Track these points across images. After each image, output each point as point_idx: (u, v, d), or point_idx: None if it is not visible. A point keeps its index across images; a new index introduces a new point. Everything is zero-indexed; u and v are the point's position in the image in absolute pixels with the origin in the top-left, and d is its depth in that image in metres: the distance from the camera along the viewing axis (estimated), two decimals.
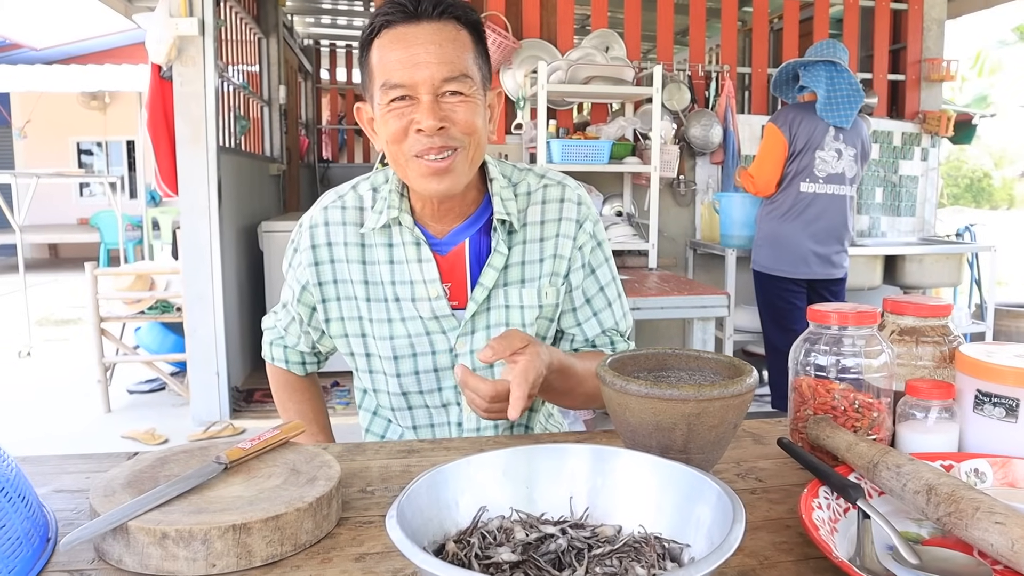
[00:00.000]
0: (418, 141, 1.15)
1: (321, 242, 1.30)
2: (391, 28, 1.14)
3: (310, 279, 1.31)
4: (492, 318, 1.30)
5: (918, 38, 5.01)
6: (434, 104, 1.13)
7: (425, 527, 0.72)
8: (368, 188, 1.33)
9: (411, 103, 1.14)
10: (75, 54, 11.62)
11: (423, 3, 1.14)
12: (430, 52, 1.13)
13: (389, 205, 1.26)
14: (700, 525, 0.72)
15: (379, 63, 1.15)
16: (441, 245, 1.29)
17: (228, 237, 4.35)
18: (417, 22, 1.14)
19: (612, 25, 4.64)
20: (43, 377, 5.32)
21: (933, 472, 0.81)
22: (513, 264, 1.30)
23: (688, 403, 0.87)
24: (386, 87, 1.14)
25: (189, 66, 3.95)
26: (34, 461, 1.08)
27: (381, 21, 1.15)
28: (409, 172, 1.19)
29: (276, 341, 1.46)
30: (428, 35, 1.14)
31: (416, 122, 1.14)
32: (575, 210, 1.34)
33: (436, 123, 1.13)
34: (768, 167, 3.70)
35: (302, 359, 1.46)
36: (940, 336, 1.09)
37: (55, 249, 12.82)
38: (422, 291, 1.27)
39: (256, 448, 0.96)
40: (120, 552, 0.79)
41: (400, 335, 1.29)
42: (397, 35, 1.14)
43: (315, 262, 1.30)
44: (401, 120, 1.15)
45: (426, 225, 1.29)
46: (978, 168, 21.61)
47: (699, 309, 3.28)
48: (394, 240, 1.28)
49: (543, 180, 1.35)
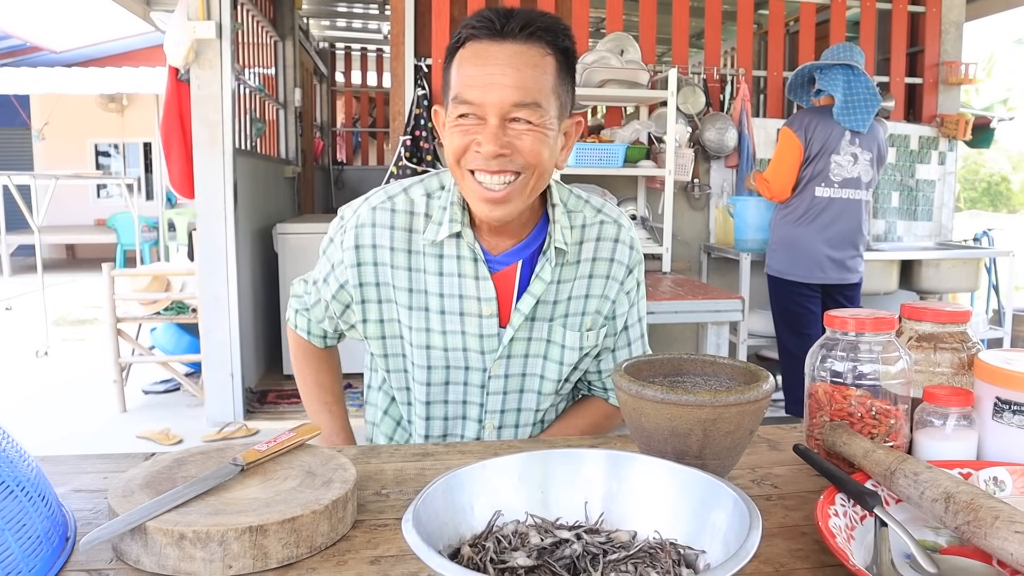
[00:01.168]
0: (475, 158, 1.14)
1: (366, 243, 1.27)
2: (475, 42, 1.13)
3: (351, 279, 1.28)
4: (532, 348, 1.30)
5: (936, 41, 4.97)
6: (499, 129, 1.11)
7: (440, 531, 0.73)
8: (421, 193, 1.29)
9: (478, 122, 1.12)
10: (93, 57, 11.73)
11: (511, 22, 1.11)
12: (506, 74, 1.10)
13: (451, 218, 1.23)
14: (716, 531, 0.72)
15: (456, 75, 1.13)
16: (494, 263, 1.27)
17: (243, 239, 4.37)
18: (501, 41, 1.11)
19: (627, 28, 4.64)
20: (60, 376, 5.36)
21: (951, 480, 0.81)
22: (561, 300, 1.30)
23: (704, 409, 0.87)
24: (456, 101, 1.12)
25: (206, 69, 3.98)
26: (53, 461, 1.09)
27: (467, 33, 1.13)
28: (466, 189, 1.18)
29: (302, 311, 1.45)
30: (508, 56, 1.11)
31: (478, 143, 1.12)
32: (627, 254, 1.33)
33: (497, 150, 1.11)
34: (783, 171, 3.68)
35: (324, 334, 1.45)
36: (959, 343, 1.08)
37: (72, 250, 12.93)
38: (473, 307, 1.26)
39: (272, 450, 0.96)
40: (138, 552, 0.79)
41: (437, 346, 1.28)
42: (478, 51, 1.12)
43: (358, 263, 1.27)
44: (464, 137, 1.13)
45: (482, 239, 1.27)
46: (995, 172, 21.44)
47: (713, 313, 3.27)
48: (447, 252, 1.26)
49: (600, 215, 1.33)
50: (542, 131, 1.13)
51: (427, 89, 4.26)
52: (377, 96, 9.14)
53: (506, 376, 1.31)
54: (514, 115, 1.12)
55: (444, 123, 1.19)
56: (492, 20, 1.11)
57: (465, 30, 1.13)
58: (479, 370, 1.30)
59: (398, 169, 4.18)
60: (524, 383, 1.33)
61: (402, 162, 4.18)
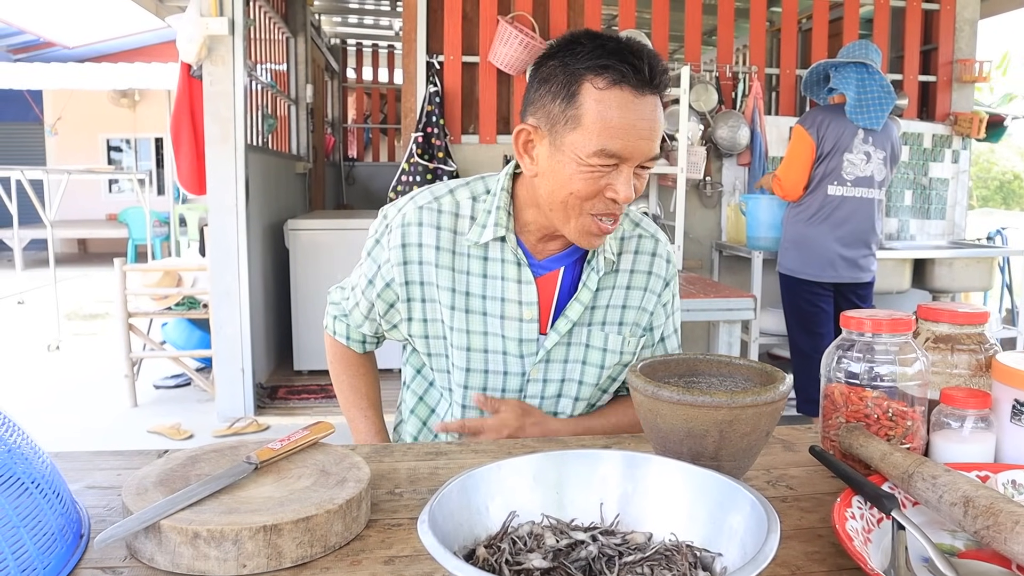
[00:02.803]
0: (604, 204, 1.16)
1: (412, 242, 1.28)
2: (619, 89, 1.11)
3: (396, 277, 1.29)
4: (572, 353, 1.31)
5: (950, 39, 4.94)
6: (631, 175, 1.14)
7: (456, 532, 0.72)
8: (467, 196, 1.30)
9: (611, 169, 1.13)
10: (106, 52, 11.77)
11: (656, 77, 1.12)
12: (651, 129, 1.13)
13: (496, 222, 1.25)
14: (733, 534, 0.71)
15: (597, 120, 1.11)
16: (537, 267, 1.29)
17: (255, 235, 4.38)
18: (644, 93, 1.12)
19: (639, 25, 4.62)
20: (71, 371, 5.39)
21: (970, 484, 0.80)
22: (599, 306, 1.31)
23: (721, 410, 0.86)
24: (602, 153, 1.11)
25: (219, 65, 3.98)
26: (66, 457, 1.09)
27: (613, 77, 1.10)
28: (575, 223, 1.18)
29: (340, 317, 1.46)
30: (650, 110, 1.13)
31: (612, 189, 1.14)
32: (664, 268, 1.36)
33: (632, 194, 1.15)
34: (796, 169, 3.66)
35: (363, 338, 1.46)
36: (976, 344, 1.07)
37: (84, 244, 13.00)
38: (514, 310, 1.28)
39: (286, 448, 0.96)
40: (152, 551, 0.79)
41: (477, 348, 1.29)
42: (626, 101, 1.11)
43: (404, 261, 1.28)
44: (598, 183, 1.14)
45: (527, 244, 1.29)
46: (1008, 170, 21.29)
47: (725, 312, 3.25)
48: (491, 255, 1.27)
49: (638, 229, 1.36)
50: (648, 172, 1.20)
51: (439, 86, 4.26)
52: (388, 92, 9.14)
53: (544, 380, 1.32)
54: (645, 164, 1.16)
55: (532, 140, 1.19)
56: (643, 71, 1.11)
57: (611, 70, 1.10)
58: (518, 375, 1.31)
59: (409, 166, 4.18)
60: (562, 388, 1.33)
61: (413, 159, 4.17)
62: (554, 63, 1.15)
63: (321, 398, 4.48)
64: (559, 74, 1.14)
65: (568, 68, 1.13)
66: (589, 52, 1.12)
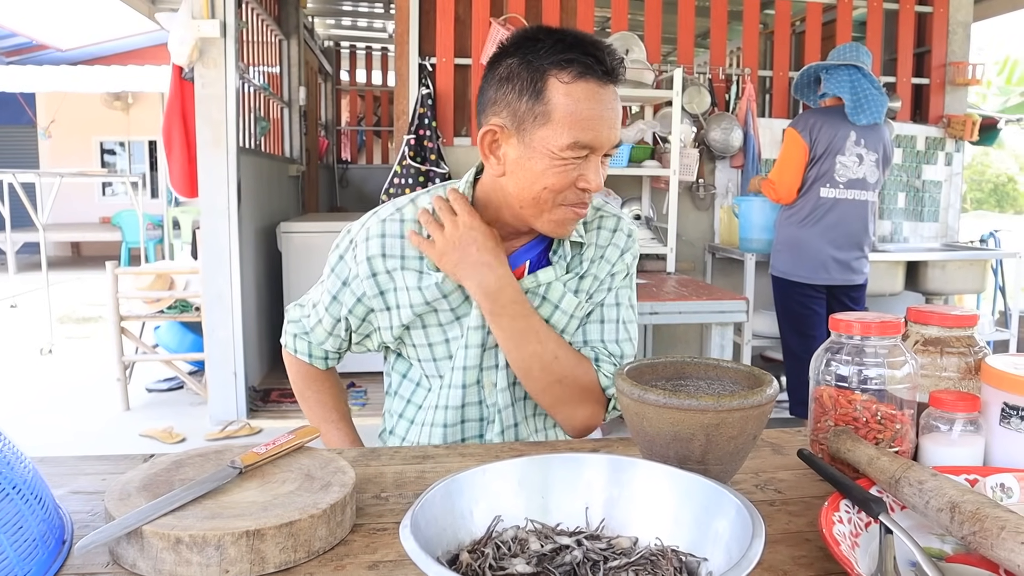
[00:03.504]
0: (576, 195, 1.19)
1: (376, 253, 1.28)
2: (586, 82, 1.14)
3: (367, 291, 1.30)
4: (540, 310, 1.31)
5: (943, 41, 4.95)
6: (600, 164, 1.19)
7: (439, 537, 0.72)
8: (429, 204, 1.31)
9: (583, 159, 1.17)
10: (99, 55, 11.74)
11: (616, 69, 1.17)
12: (616, 118, 1.18)
13: None
14: (718, 539, 0.71)
15: (568, 111, 1.13)
16: None
17: (247, 238, 4.37)
18: (607, 84, 1.16)
19: (632, 27, 4.62)
20: (64, 374, 5.37)
21: (957, 488, 0.79)
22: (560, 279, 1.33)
23: (707, 413, 0.86)
24: (576, 146, 1.14)
25: (211, 67, 3.97)
26: (51, 462, 1.08)
27: (578, 70, 1.13)
28: (549, 215, 1.21)
29: (300, 335, 1.45)
30: (614, 100, 1.18)
31: (584, 179, 1.18)
32: (624, 240, 1.38)
33: (602, 182, 1.20)
34: (789, 173, 3.66)
35: (325, 355, 1.45)
36: (966, 347, 1.07)
37: (77, 247, 12.95)
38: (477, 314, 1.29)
39: (271, 453, 0.95)
40: (134, 556, 0.79)
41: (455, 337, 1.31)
42: (593, 93, 1.14)
43: (372, 273, 1.28)
44: (571, 175, 1.17)
45: None
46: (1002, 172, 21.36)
47: (717, 314, 3.26)
48: None
49: (599, 212, 1.39)
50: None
51: (431, 88, 4.26)
52: (382, 95, 9.13)
53: None
54: (609, 152, 1.20)
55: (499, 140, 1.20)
56: (605, 63, 1.15)
57: (575, 64, 1.13)
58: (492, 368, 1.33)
59: (402, 168, 4.18)
60: None
61: (406, 161, 4.17)
62: (513, 61, 1.16)
63: None
64: (522, 71, 1.15)
65: (531, 65, 1.14)
66: (550, 47, 1.13)
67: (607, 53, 1.15)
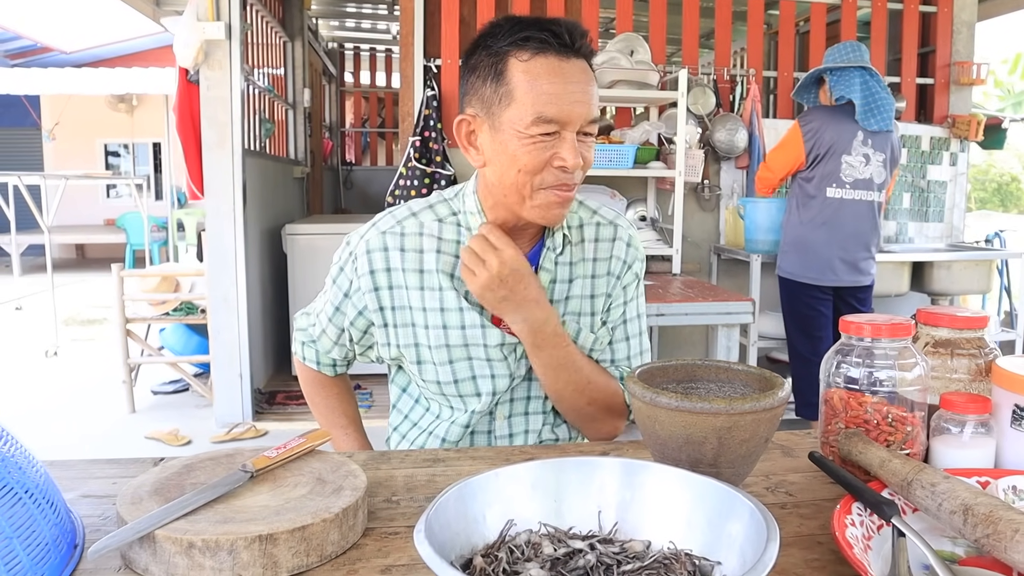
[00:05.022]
0: (553, 175, 1.16)
1: (380, 267, 1.27)
2: (544, 56, 1.12)
3: (370, 304, 1.29)
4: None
5: (948, 41, 4.94)
6: (575, 142, 1.15)
7: (452, 541, 0.72)
8: (432, 219, 1.29)
9: (554, 138, 1.14)
10: (103, 57, 11.77)
11: (577, 39, 1.14)
12: (584, 92, 1.14)
13: None
14: (732, 542, 0.71)
15: (529, 90, 1.12)
16: None
17: (252, 239, 4.38)
18: (569, 57, 1.13)
19: (637, 29, 4.62)
20: (69, 376, 5.38)
21: (969, 491, 0.79)
22: (573, 297, 1.32)
23: (719, 416, 0.86)
24: (539, 120, 1.12)
25: (216, 70, 3.98)
26: (61, 465, 1.08)
27: (535, 46, 1.12)
28: (531, 201, 1.18)
29: (308, 343, 1.46)
30: (579, 73, 1.14)
31: (559, 157, 1.14)
32: (624, 250, 1.35)
33: (580, 162, 1.15)
34: (780, 161, 3.71)
35: (333, 363, 1.46)
36: (976, 348, 1.07)
37: (82, 249, 12.97)
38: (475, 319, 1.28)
39: (282, 456, 0.95)
40: (147, 561, 0.79)
41: (460, 358, 1.29)
42: (553, 67, 1.12)
43: (375, 287, 1.28)
44: (543, 153, 1.14)
45: None
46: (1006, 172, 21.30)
47: (723, 315, 3.25)
48: (457, 271, 1.27)
49: (595, 216, 1.36)
50: (593, 140, 1.20)
51: (436, 90, 4.26)
52: (386, 96, 9.13)
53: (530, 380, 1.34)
54: (586, 129, 1.16)
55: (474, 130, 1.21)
56: (561, 35, 1.12)
57: (532, 42, 1.12)
58: (504, 376, 1.31)
59: (407, 170, 4.18)
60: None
61: (411, 163, 4.17)
62: (479, 51, 1.18)
63: None
64: (485, 58, 1.16)
65: (491, 49, 1.15)
66: (508, 30, 1.14)
67: (567, 27, 1.13)
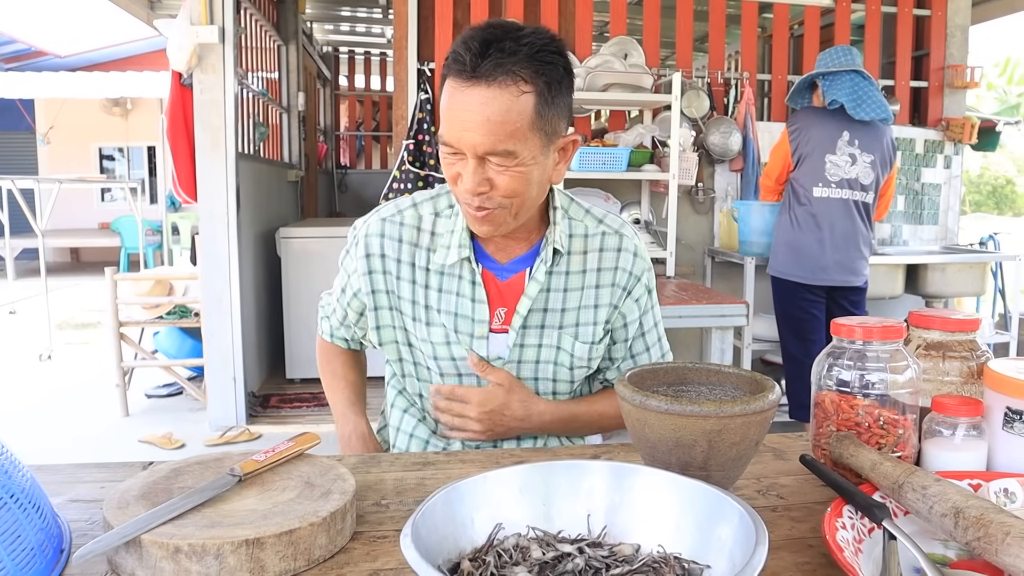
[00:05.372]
0: (463, 194, 1.16)
1: (375, 252, 1.31)
2: (452, 78, 1.11)
3: (363, 287, 1.32)
4: (543, 355, 1.32)
5: (941, 44, 4.95)
6: (478, 168, 1.12)
7: (440, 545, 0.71)
8: (430, 211, 1.31)
9: (461, 157, 1.13)
10: (98, 61, 11.74)
11: (484, 62, 1.06)
12: (476, 122, 1.08)
13: (461, 244, 1.26)
14: (721, 546, 0.71)
15: (443, 107, 1.13)
16: (503, 271, 1.30)
17: (246, 243, 4.37)
18: (474, 83, 1.08)
19: (631, 32, 4.62)
20: (63, 380, 5.36)
21: (960, 494, 0.79)
22: (570, 308, 1.31)
23: (709, 419, 0.86)
24: (443, 141, 1.13)
25: (209, 73, 3.97)
26: (49, 470, 1.07)
27: (450, 66, 1.11)
28: (461, 209, 1.23)
29: (325, 319, 1.51)
30: (478, 103, 1.07)
31: (461, 177, 1.14)
32: (631, 261, 1.34)
33: (475, 187, 1.13)
34: (771, 164, 3.79)
35: (345, 341, 1.50)
36: (968, 351, 1.07)
37: (77, 253, 12.94)
38: (467, 327, 1.29)
39: (270, 460, 0.95)
40: (133, 566, 0.78)
41: (444, 356, 1.30)
42: (453, 91, 1.11)
43: (368, 271, 1.31)
44: (451, 169, 1.15)
45: (492, 251, 1.30)
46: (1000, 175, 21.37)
47: (717, 318, 3.25)
48: (449, 271, 1.29)
49: (601, 226, 1.34)
50: (519, 170, 1.13)
51: (430, 93, 4.25)
52: (380, 100, 9.14)
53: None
54: (491, 159, 1.11)
55: None
56: (464, 60, 1.07)
57: (451, 61, 1.11)
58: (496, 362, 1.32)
59: (401, 173, 4.18)
60: (537, 387, 1.34)
61: (405, 166, 4.17)
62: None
63: (313, 406, 4.46)
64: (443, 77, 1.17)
65: (446, 61, 1.14)
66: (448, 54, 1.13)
67: (478, 49, 1.07)
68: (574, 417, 1.34)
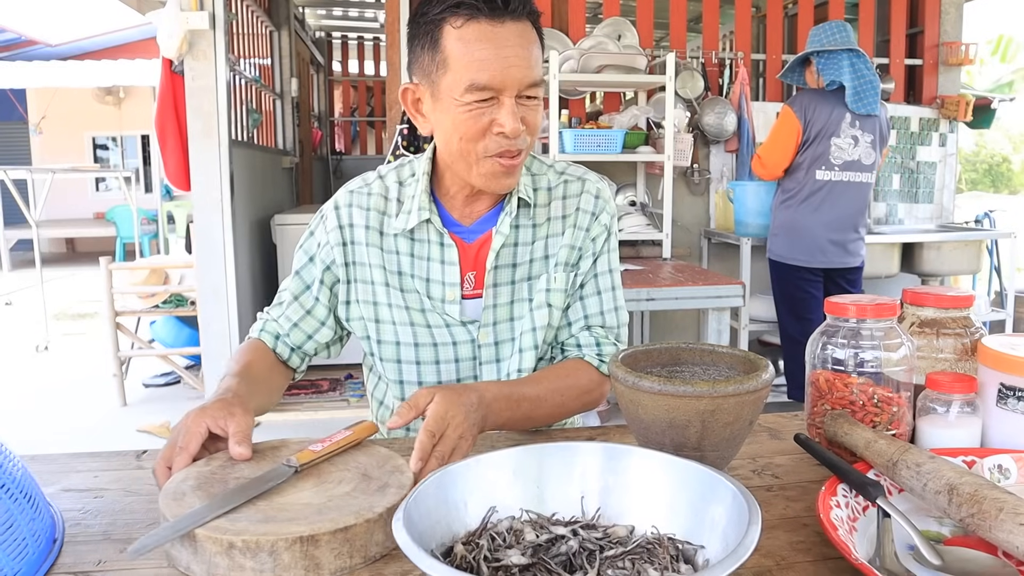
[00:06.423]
0: (496, 142, 1.14)
1: (345, 223, 1.30)
2: (476, 22, 1.10)
3: (337, 258, 1.30)
4: (516, 311, 1.30)
5: (936, 22, 4.93)
6: (515, 107, 1.13)
7: (433, 529, 0.71)
8: (395, 180, 1.32)
9: (492, 104, 1.12)
10: (89, 50, 11.67)
11: (512, 2, 1.11)
12: (519, 56, 1.11)
13: (420, 207, 1.25)
14: (715, 526, 0.70)
15: (462, 57, 1.11)
16: (468, 233, 1.29)
17: (241, 231, 4.35)
18: (503, 21, 1.11)
19: (624, 13, 4.59)
20: (60, 371, 5.36)
21: (954, 471, 0.79)
22: (537, 258, 1.30)
23: (702, 400, 0.85)
24: (473, 88, 1.11)
25: (200, 60, 3.94)
26: (43, 460, 1.07)
27: (467, 12, 1.10)
28: (477, 169, 1.18)
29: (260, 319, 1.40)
30: (516, 36, 1.12)
31: (498, 124, 1.13)
32: (592, 202, 1.34)
33: (520, 127, 1.13)
34: (778, 150, 3.66)
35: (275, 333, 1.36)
36: (962, 328, 1.06)
37: (72, 243, 12.91)
38: (438, 291, 1.28)
39: (327, 451, 0.94)
40: (188, 559, 0.78)
41: (420, 323, 1.29)
42: (484, 32, 1.10)
43: (342, 241, 1.30)
44: (481, 120, 1.13)
45: (455, 213, 1.29)
46: (996, 153, 21.34)
47: (714, 299, 3.25)
48: (417, 236, 1.28)
49: (563, 176, 1.35)
50: (539, 103, 1.17)
51: None
52: (374, 85, 9.08)
53: (496, 343, 1.31)
54: (528, 93, 1.14)
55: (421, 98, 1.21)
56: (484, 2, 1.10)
57: (463, 8, 1.11)
58: (467, 342, 1.30)
59: (396, 158, 4.15)
60: (520, 344, 1.30)
61: (399, 151, 4.15)
62: (417, 18, 1.17)
63: (311, 393, 4.46)
64: (422, 26, 1.16)
65: (427, 17, 1.14)
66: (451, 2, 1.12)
67: None
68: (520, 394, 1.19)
